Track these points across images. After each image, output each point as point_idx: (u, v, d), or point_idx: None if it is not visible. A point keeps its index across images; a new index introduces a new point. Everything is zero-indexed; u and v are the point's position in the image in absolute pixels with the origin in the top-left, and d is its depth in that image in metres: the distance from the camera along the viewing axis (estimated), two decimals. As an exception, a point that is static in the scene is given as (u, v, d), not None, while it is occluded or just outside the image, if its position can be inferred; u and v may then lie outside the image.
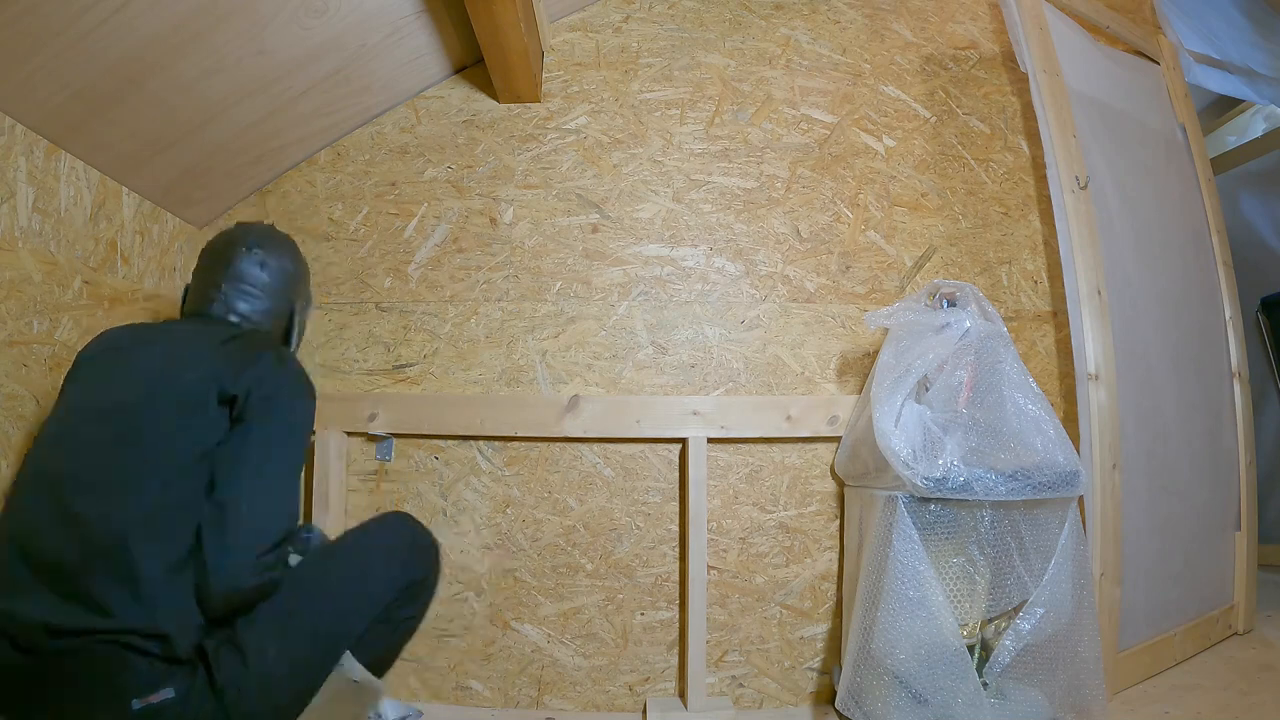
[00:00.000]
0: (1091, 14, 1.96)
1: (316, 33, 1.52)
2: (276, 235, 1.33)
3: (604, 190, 1.85)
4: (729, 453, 1.73)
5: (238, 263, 1.24)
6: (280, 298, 1.28)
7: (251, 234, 1.29)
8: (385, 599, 1.08)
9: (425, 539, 1.18)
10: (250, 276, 1.24)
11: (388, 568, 1.10)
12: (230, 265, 1.24)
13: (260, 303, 1.25)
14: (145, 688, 0.88)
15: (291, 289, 1.31)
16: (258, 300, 1.24)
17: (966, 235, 1.88)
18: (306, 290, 1.38)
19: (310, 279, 1.42)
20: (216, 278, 1.23)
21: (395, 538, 1.14)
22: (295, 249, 1.36)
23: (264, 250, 1.27)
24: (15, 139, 1.30)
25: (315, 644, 1.00)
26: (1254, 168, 2.97)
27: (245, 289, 1.24)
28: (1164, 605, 1.70)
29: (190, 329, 1.15)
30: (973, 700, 1.25)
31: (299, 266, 1.35)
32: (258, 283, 1.25)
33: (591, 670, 1.67)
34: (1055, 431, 1.35)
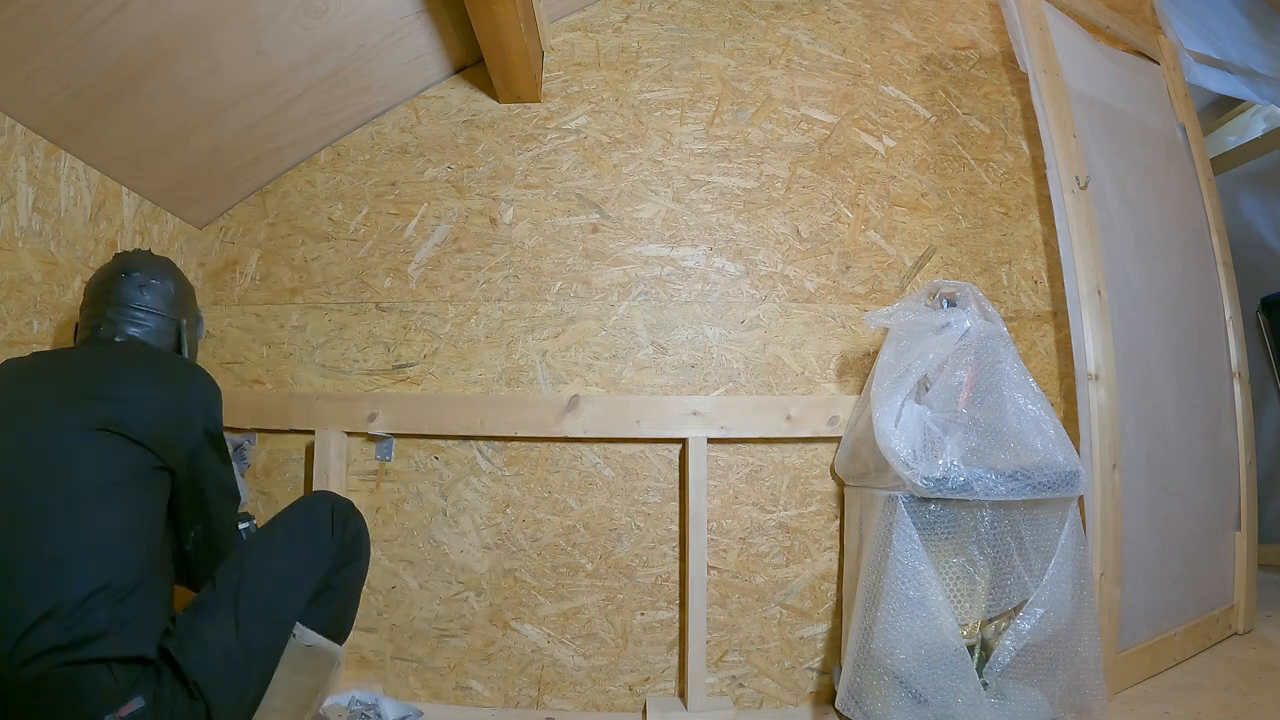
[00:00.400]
0: (1091, 14, 1.96)
1: (316, 33, 1.52)
2: (155, 259, 1.36)
3: (604, 190, 1.85)
4: (729, 453, 1.73)
5: (118, 288, 1.27)
6: (164, 317, 1.30)
7: (129, 260, 1.32)
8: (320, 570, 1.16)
9: (344, 507, 1.25)
10: (132, 299, 1.27)
11: (313, 541, 1.17)
12: (111, 292, 1.27)
13: (146, 324, 1.27)
14: (114, 702, 0.89)
15: (175, 308, 1.33)
16: (143, 322, 1.27)
17: (966, 235, 1.88)
18: (193, 308, 1.40)
19: (195, 298, 1.42)
20: (100, 306, 1.26)
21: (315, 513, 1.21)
22: (175, 270, 1.38)
23: (143, 273, 1.29)
24: (15, 139, 1.30)
25: (264, 623, 1.07)
26: (1254, 168, 2.97)
27: (129, 312, 1.26)
28: (1164, 605, 1.70)
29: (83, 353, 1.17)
30: (973, 700, 1.25)
31: (181, 286, 1.36)
32: (140, 304, 1.27)
33: (591, 670, 1.67)
34: (1055, 431, 1.35)
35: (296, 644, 1.13)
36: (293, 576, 1.12)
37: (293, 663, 1.12)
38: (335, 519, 1.21)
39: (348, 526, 1.23)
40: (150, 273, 1.30)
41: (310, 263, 1.84)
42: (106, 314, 1.25)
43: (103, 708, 0.88)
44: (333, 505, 1.23)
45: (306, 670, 1.15)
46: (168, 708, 0.93)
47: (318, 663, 1.17)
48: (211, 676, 0.97)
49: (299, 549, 1.15)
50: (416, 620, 1.69)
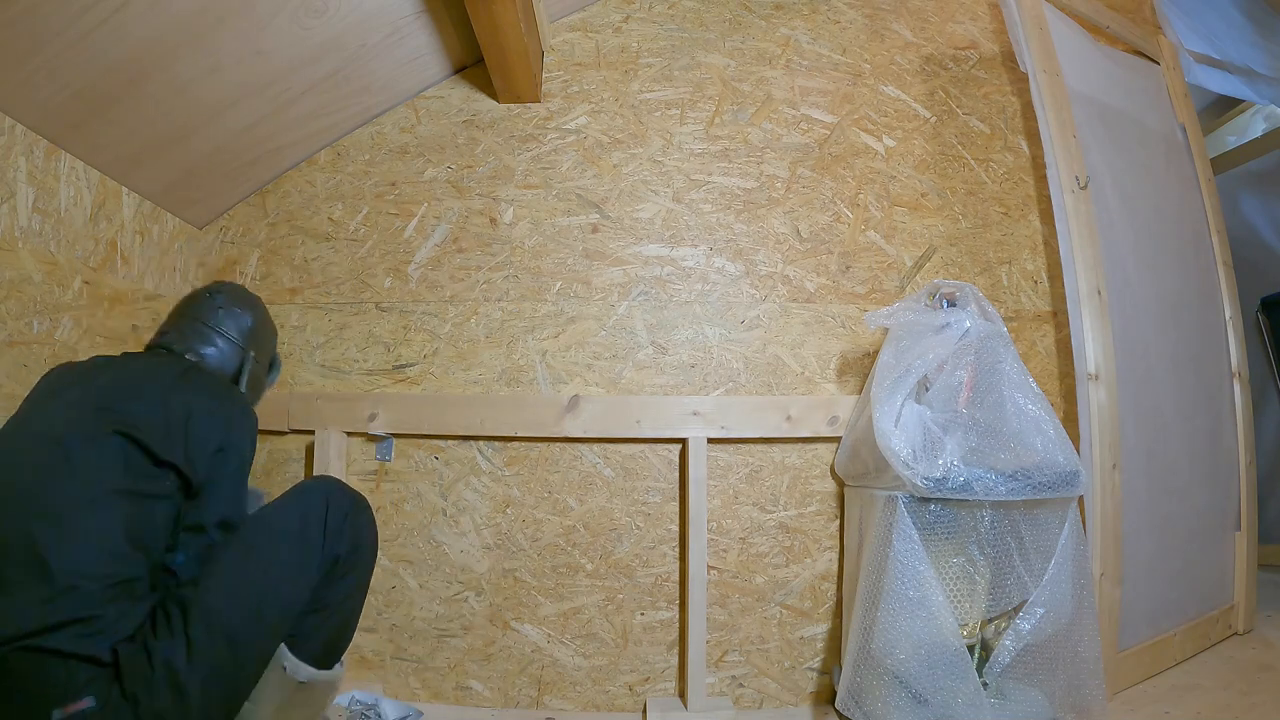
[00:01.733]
0: (1091, 14, 1.96)
1: (316, 33, 1.52)
2: (245, 293, 1.40)
3: (604, 190, 1.85)
4: (729, 453, 1.73)
5: (199, 307, 1.32)
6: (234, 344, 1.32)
7: (219, 285, 1.38)
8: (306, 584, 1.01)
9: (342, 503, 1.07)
10: (208, 319, 1.30)
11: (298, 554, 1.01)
12: (191, 309, 1.32)
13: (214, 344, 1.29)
14: (65, 696, 0.86)
15: (247, 339, 1.35)
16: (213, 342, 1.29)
17: (966, 235, 1.88)
18: (267, 347, 1.42)
19: (270, 339, 1.45)
20: (176, 320, 1.31)
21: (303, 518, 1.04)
22: (261, 309, 1.42)
23: (226, 297, 1.35)
24: (15, 139, 1.30)
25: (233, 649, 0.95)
26: (1254, 168, 2.97)
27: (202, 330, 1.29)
28: (1164, 605, 1.69)
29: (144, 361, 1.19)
30: (973, 700, 1.25)
31: (260, 323, 1.40)
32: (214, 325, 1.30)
33: (591, 670, 1.67)
34: (1055, 431, 1.35)
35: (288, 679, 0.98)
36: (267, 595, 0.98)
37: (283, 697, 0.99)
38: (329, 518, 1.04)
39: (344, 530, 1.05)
40: (233, 299, 1.35)
41: (310, 263, 1.84)
42: (179, 326, 1.29)
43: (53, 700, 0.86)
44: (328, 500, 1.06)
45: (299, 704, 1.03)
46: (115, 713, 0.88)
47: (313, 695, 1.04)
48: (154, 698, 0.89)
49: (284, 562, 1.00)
50: (416, 620, 1.69)
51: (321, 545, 1.02)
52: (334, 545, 1.04)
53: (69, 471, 0.97)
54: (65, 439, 0.99)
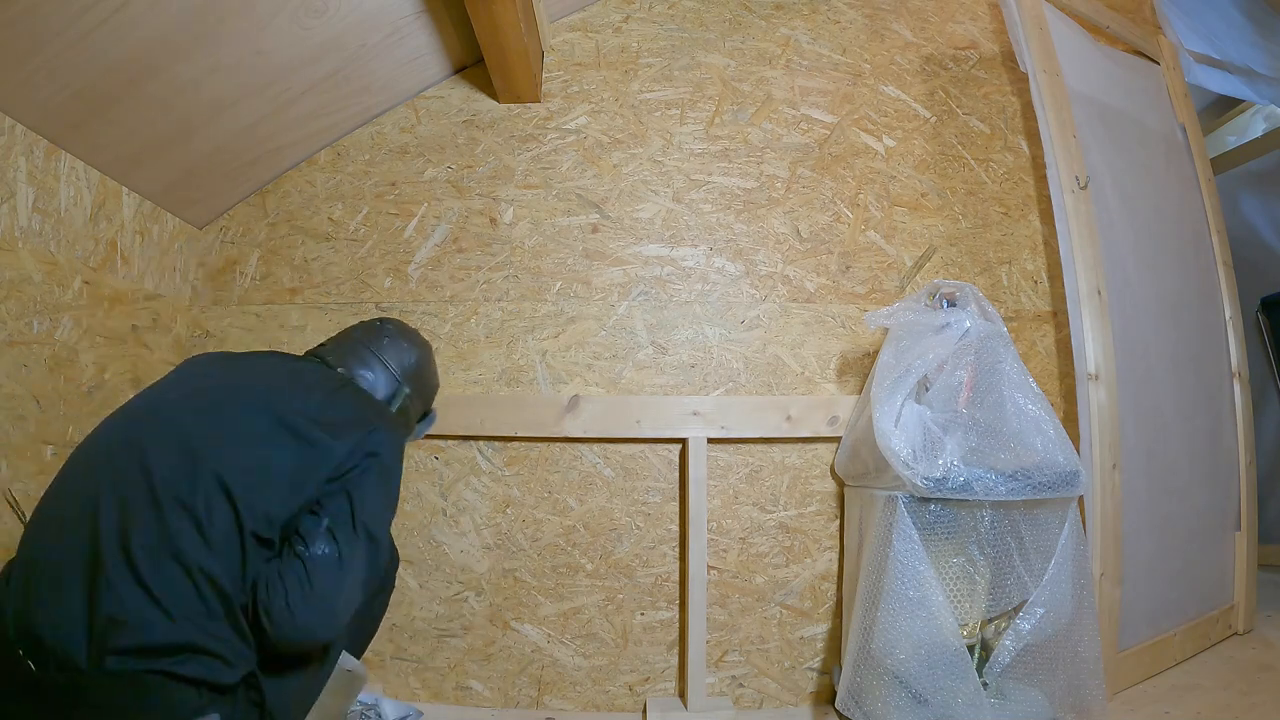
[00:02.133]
0: (1091, 14, 1.96)
1: (316, 33, 1.52)
2: (414, 333, 1.39)
3: (604, 190, 1.85)
4: (729, 453, 1.73)
5: (366, 333, 1.32)
6: (391, 375, 1.30)
7: (390, 320, 1.38)
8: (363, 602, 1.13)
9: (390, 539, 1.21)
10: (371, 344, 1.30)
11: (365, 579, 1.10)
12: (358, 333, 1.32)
13: (371, 369, 1.27)
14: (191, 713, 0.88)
15: (406, 374, 1.32)
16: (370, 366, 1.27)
17: (966, 235, 1.88)
18: (425, 390, 1.38)
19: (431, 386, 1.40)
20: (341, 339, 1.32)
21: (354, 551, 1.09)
22: (427, 353, 1.39)
23: (394, 329, 1.35)
24: (15, 139, 1.30)
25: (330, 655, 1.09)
26: (1254, 168, 2.97)
27: (363, 352, 1.28)
28: (1164, 605, 1.69)
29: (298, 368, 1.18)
30: (973, 700, 1.25)
31: (422, 364, 1.36)
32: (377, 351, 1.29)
33: (591, 670, 1.67)
34: (1055, 431, 1.35)
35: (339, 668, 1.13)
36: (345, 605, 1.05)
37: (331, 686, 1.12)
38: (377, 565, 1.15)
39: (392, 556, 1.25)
40: (401, 334, 1.34)
41: (310, 263, 1.84)
42: (344, 342, 1.30)
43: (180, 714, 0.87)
44: None
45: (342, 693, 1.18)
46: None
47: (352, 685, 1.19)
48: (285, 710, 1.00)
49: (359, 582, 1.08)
50: (416, 620, 1.69)
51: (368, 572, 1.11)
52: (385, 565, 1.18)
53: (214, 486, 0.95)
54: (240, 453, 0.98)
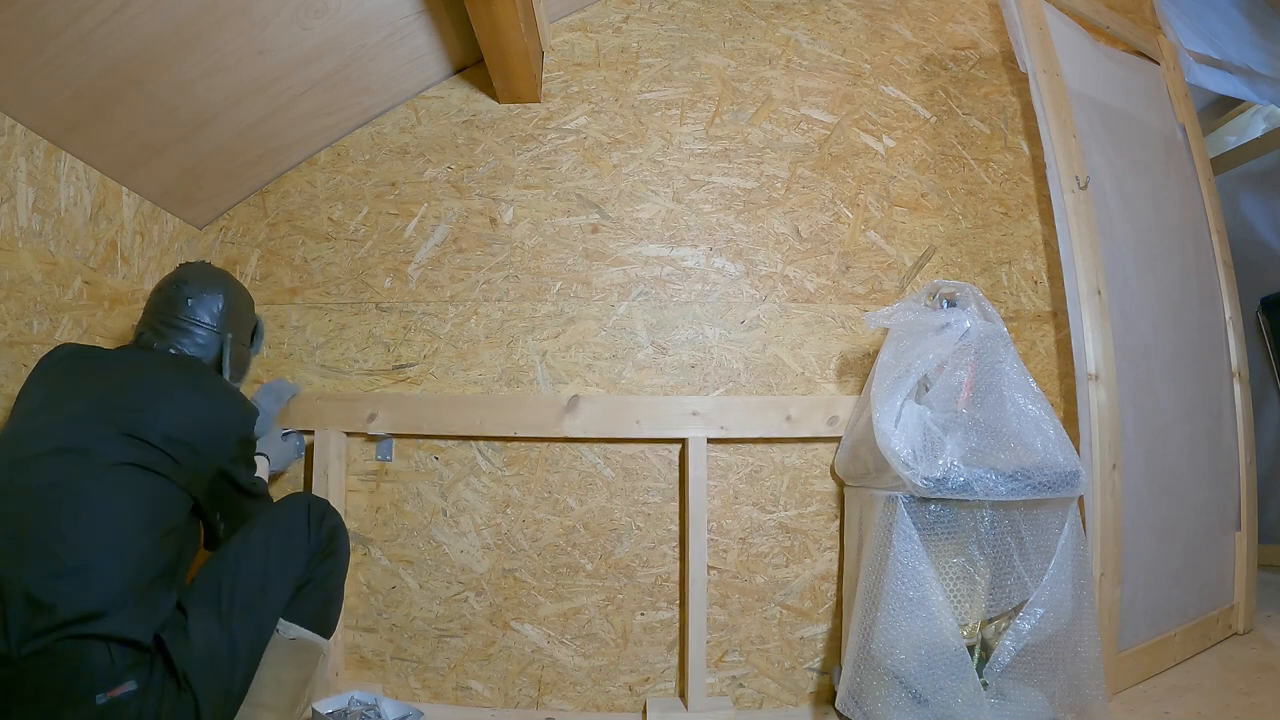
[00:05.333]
0: (1091, 14, 1.96)
1: (316, 33, 1.52)
2: (210, 272, 1.44)
3: (604, 190, 1.85)
4: (729, 453, 1.73)
5: (170, 299, 1.37)
6: (211, 330, 1.39)
7: (184, 272, 1.42)
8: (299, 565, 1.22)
9: (320, 505, 1.31)
10: (179, 311, 1.36)
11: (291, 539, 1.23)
12: (164, 302, 1.37)
13: (192, 335, 1.36)
14: (108, 681, 0.94)
15: (223, 322, 1.41)
16: (190, 332, 1.36)
17: (966, 235, 1.88)
18: (244, 323, 1.49)
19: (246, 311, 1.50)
20: (152, 315, 1.36)
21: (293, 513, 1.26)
22: (228, 284, 1.46)
23: (193, 285, 1.39)
24: (15, 139, 1.30)
25: (247, 619, 1.12)
26: (1254, 168, 2.97)
27: (177, 323, 1.35)
28: (1164, 605, 1.70)
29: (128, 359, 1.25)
30: (973, 700, 1.25)
31: (231, 301, 1.44)
32: (187, 317, 1.36)
33: (591, 670, 1.67)
34: (1055, 431, 1.35)
35: (280, 639, 1.18)
36: (272, 573, 1.17)
37: (278, 658, 1.17)
38: (311, 517, 1.27)
39: (324, 523, 1.28)
40: (201, 286, 1.39)
41: (310, 263, 1.84)
42: (155, 323, 1.35)
43: (96, 686, 0.93)
44: (309, 504, 1.29)
45: (292, 664, 1.20)
46: (157, 694, 0.97)
47: (303, 656, 1.22)
48: (199, 669, 1.02)
49: (277, 547, 1.20)
50: (416, 620, 1.70)
51: (307, 535, 1.24)
52: (317, 534, 1.26)
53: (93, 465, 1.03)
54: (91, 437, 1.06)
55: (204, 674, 1.03)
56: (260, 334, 1.60)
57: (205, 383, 1.23)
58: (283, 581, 1.19)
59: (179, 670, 1.00)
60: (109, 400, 1.11)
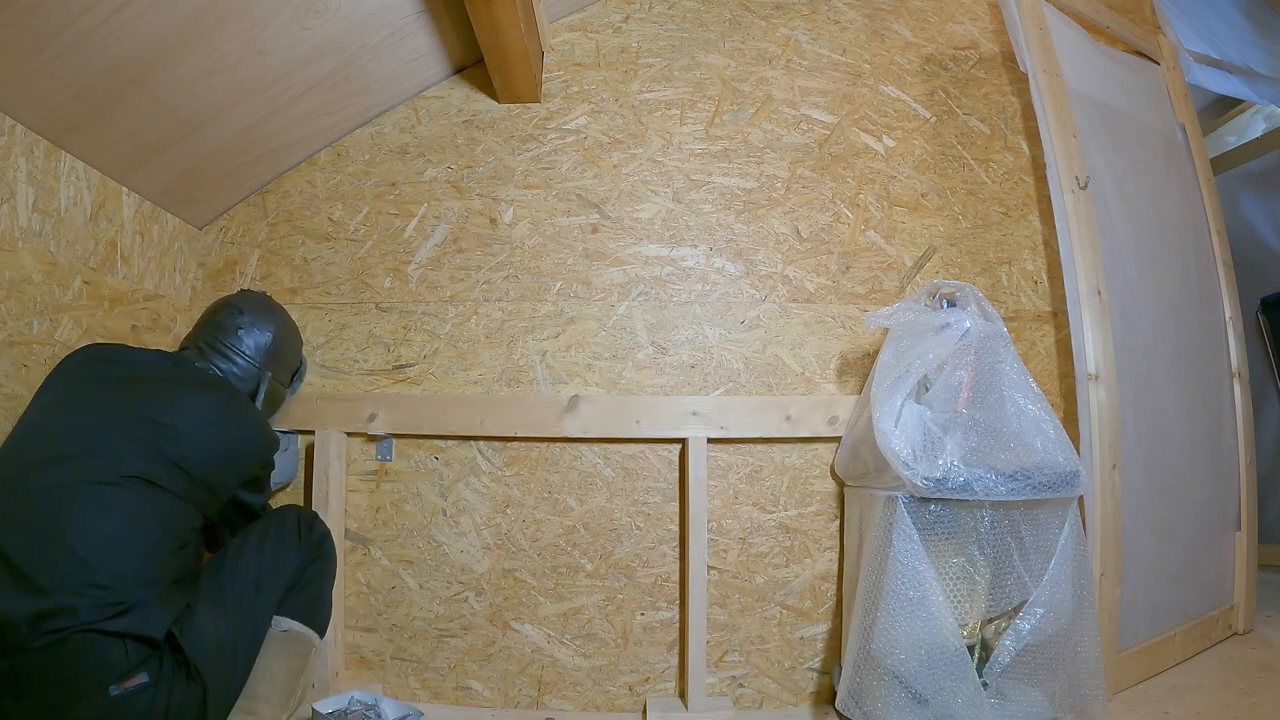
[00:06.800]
0: (1091, 14, 1.96)
1: (316, 33, 1.52)
2: (269, 306, 1.52)
3: (604, 190, 1.85)
4: (729, 453, 1.73)
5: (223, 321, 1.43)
6: (253, 365, 1.44)
7: (244, 299, 1.49)
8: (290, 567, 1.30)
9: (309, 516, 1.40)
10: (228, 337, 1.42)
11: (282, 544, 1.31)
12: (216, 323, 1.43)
13: (233, 363, 1.41)
14: (122, 674, 0.97)
15: (266, 359, 1.47)
16: (232, 360, 1.41)
17: (966, 235, 1.88)
18: (287, 363, 1.55)
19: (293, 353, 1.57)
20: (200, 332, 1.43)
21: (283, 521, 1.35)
22: (283, 322, 1.53)
23: (249, 316, 1.45)
24: (15, 139, 1.30)
25: (246, 614, 1.19)
26: (1254, 168, 2.97)
27: (223, 348, 1.41)
28: (1164, 605, 1.70)
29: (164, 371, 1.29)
30: (973, 700, 1.25)
31: (281, 340, 1.50)
32: (234, 345, 1.42)
33: (591, 670, 1.67)
34: (1055, 431, 1.35)
35: (274, 632, 1.26)
36: (266, 574, 1.25)
37: (273, 650, 1.24)
38: (301, 525, 1.36)
39: (313, 531, 1.38)
40: (256, 318, 1.46)
41: (310, 263, 1.84)
42: (202, 342, 1.41)
43: (110, 678, 0.96)
44: (299, 514, 1.38)
45: (286, 655, 1.26)
46: (168, 686, 1.01)
47: (296, 648, 1.28)
48: (208, 661, 1.07)
49: (271, 551, 1.28)
50: (416, 620, 1.70)
51: (298, 540, 1.33)
52: (306, 540, 1.35)
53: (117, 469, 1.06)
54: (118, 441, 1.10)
55: (212, 665, 1.07)
56: (302, 375, 1.67)
57: (236, 410, 1.28)
58: (276, 582, 1.26)
59: (191, 661, 1.04)
60: (141, 413, 1.15)
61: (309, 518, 1.40)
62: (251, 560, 1.24)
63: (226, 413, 1.24)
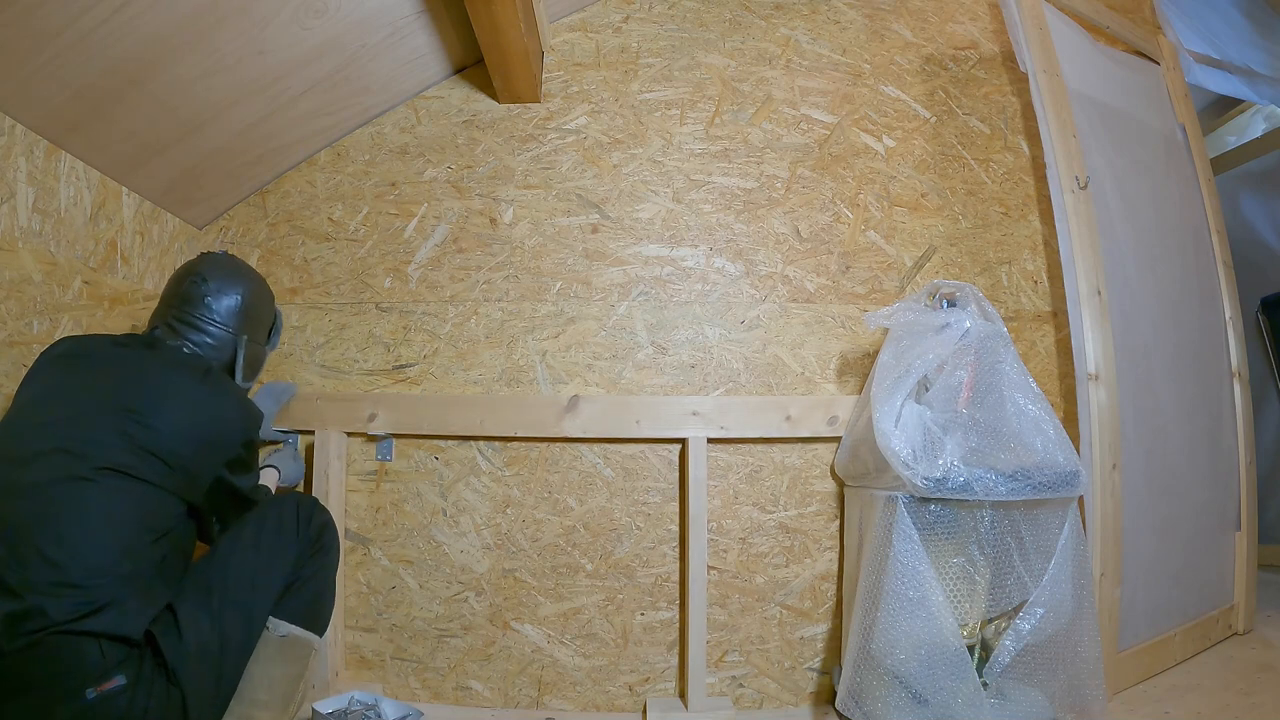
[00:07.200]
0: (1091, 14, 1.96)
1: (316, 33, 1.52)
2: (233, 267, 1.42)
3: (604, 190, 1.85)
4: (729, 453, 1.73)
5: (188, 292, 1.34)
6: (226, 331, 1.36)
7: (206, 264, 1.39)
8: (288, 563, 1.22)
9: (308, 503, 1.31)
10: (197, 307, 1.34)
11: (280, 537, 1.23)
12: (181, 295, 1.34)
13: (207, 333, 1.34)
14: (98, 676, 0.94)
15: (239, 322, 1.38)
16: (205, 330, 1.34)
17: (966, 235, 1.88)
18: (261, 322, 1.47)
19: (265, 309, 1.48)
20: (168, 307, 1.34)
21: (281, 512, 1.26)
22: (249, 280, 1.44)
23: (215, 282, 1.36)
24: (15, 139, 1.30)
25: (236, 616, 1.12)
26: (1254, 168, 2.97)
27: (193, 319, 1.33)
28: (1164, 605, 1.70)
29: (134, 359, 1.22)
30: (973, 700, 1.25)
31: (251, 299, 1.42)
32: (204, 314, 1.34)
33: (591, 670, 1.67)
34: (1055, 431, 1.35)
35: (271, 636, 1.19)
36: (262, 569, 1.18)
37: (269, 655, 1.18)
38: (300, 515, 1.27)
39: (313, 521, 1.28)
40: (221, 283, 1.37)
41: (310, 263, 1.84)
42: (170, 317, 1.32)
43: (87, 681, 0.94)
44: (298, 502, 1.29)
45: (284, 661, 1.21)
46: (146, 689, 0.98)
47: (294, 653, 1.22)
48: (189, 665, 1.03)
49: (267, 544, 1.20)
50: (416, 620, 1.70)
51: (296, 532, 1.25)
52: (306, 531, 1.27)
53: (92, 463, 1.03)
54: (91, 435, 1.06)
55: (193, 670, 1.03)
56: (279, 329, 1.58)
57: (211, 388, 1.21)
58: (273, 578, 1.20)
59: (169, 665, 1.01)
60: (110, 401, 1.10)
61: (309, 506, 1.31)
62: (246, 556, 1.17)
63: (200, 393, 1.18)
